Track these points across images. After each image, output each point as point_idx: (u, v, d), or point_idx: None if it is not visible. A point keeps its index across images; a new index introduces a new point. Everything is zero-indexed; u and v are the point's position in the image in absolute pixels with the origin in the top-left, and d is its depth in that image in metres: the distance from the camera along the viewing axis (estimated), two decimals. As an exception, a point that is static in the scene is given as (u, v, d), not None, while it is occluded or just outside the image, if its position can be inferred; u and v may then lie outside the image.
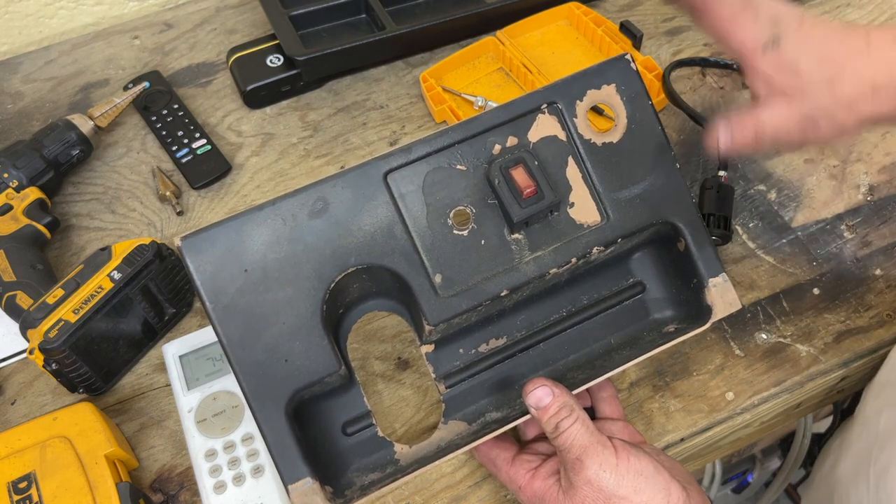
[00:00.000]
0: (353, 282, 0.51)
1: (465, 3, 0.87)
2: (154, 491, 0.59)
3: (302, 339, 0.48)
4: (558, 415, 0.48)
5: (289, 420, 0.48)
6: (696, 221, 0.54)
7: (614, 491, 0.47)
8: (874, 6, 0.88)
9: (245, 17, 0.93)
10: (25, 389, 0.64)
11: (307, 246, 0.49)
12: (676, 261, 0.55)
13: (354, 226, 0.49)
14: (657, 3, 0.90)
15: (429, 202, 0.51)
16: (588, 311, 0.57)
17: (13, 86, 0.87)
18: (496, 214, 0.52)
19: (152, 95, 0.83)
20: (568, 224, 0.52)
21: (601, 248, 0.53)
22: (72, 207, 0.76)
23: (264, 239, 0.48)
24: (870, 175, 0.74)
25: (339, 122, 0.81)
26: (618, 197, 0.53)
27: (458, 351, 0.55)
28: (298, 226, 0.49)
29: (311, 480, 0.47)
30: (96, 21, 0.95)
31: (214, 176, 0.77)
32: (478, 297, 0.51)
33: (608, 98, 0.54)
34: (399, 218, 0.50)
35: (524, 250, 0.52)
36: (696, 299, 0.54)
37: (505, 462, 0.53)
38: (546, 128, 0.53)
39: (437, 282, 0.50)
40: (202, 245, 0.48)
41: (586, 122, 0.53)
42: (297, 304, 0.48)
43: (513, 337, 0.56)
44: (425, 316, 0.50)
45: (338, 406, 0.53)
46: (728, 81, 0.82)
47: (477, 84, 0.83)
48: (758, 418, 0.63)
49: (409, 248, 0.50)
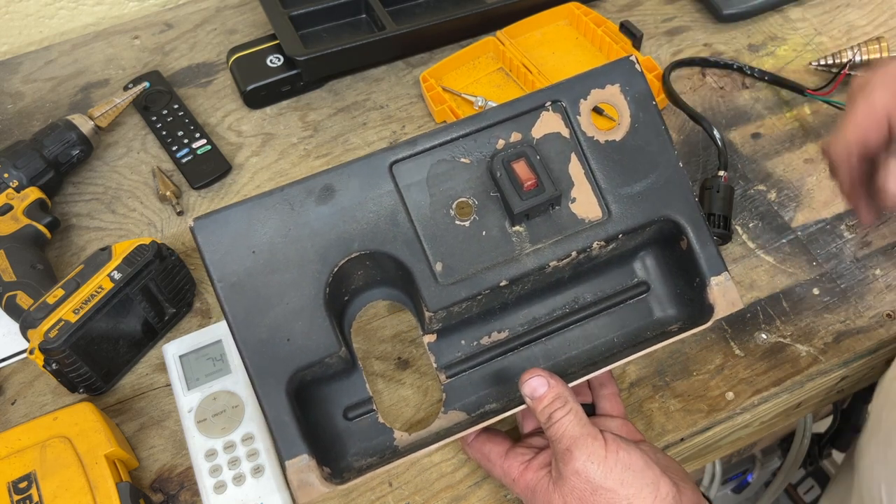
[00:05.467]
0: (357, 268, 0.52)
1: (465, 3, 0.87)
2: (154, 491, 0.59)
3: (304, 320, 0.49)
4: (552, 405, 0.49)
5: (289, 398, 0.49)
6: (698, 220, 0.54)
7: (601, 483, 0.47)
8: (874, 6, 0.88)
9: (245, 17, 0.93)
10: (25, 389, 0.64)
11: (313, 231, 0.50)
12: (680, 260, 0.56)
13: (359, 213, 0.51)
14: (657, 3, 0.90)
15: (432, 193, 0.52)
16: (591, 309, 0.57)
17: (13, 86, 0.87)
18: (498, 207, 0.53)
19: (152, 95, 0.83)
20: (569, 218, 0.53)
21: (602, 243, 0.53)
22: (72, 207, 0.76)
23: (272, 223, 0.50)
24: (870, 175, 0.74)
25: (340, 123, 0.81)
26: (619, 193, 0.53)
27: (460, 342, 0.55)
28: (305, 211, 0.50)
29: (307, 458, 0.48)
30: (96, 21, 0.95)
31: (214, 176, 0.77)
32: (477, 285, 0.51)
33: (612, 97, 0.55)
34: (403, 207, 0.51)
35: (525, 242, 0.53)
36: (700, 298, 0.54)
37: (499, 456, 0.53)
38: (550, 125, 0.54)
39: (437, 270, 0.51)
40: (213, 226, 0.49)
41: (589, 120, 0.54)
42: (302, 286, 0.50)
43: (515, 331, 0.56)
44: (425, 302, 0.51)
45: (340, 391, 0.54)
46: (728, 81, 0.82)
47: (477, 84, 0.83)
48: (758, 418, 0.63)
49: (412, 236, 0.51)
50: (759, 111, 0.79)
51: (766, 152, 0.76)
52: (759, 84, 0.81)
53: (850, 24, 0.86)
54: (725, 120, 0.79)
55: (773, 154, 0.76)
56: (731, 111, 0.79)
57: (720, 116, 0.79)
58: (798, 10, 0.88)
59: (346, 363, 0.53)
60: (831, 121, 0.78)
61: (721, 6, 0.86)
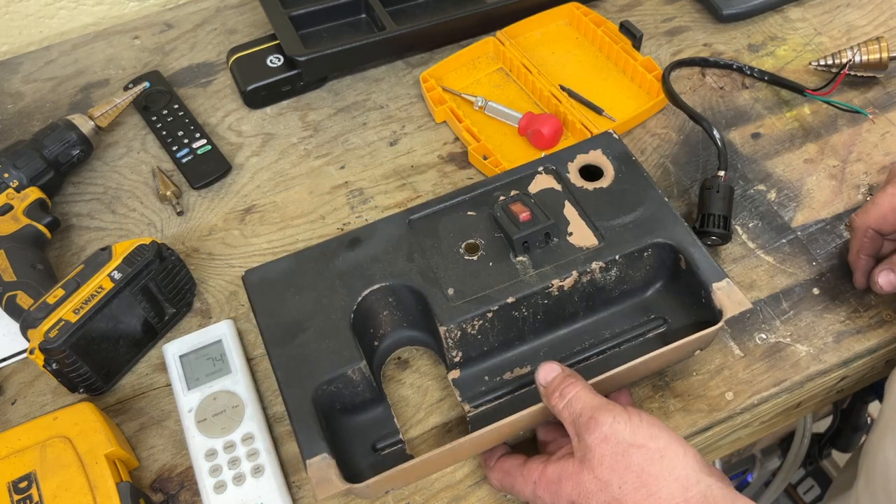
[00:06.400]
0: (382, 307, 0.60)
1: (465, 4, 0.87)
2: (154, 491, 0.59)
3: (330, 340, 0.57)
4: (564, 382, 0.51)
5: (314, 406, 0.54)
6: (689, 238, 0.59)
7: (631, 440, 0.47)
8: (874, 6, 0.88)
9: (245, 17, 0.93)
10: (26, 389, 0.64)
11: (341, 272, 0.60)
12: (687, 285, 0.59)
13: (381, 256, 0.60)
14: (657, 3, 0.90)
15: (444, 237, 0.61)
16: (609, 342, 0.61)
17: (13, 86, 0.87)
18: (502, 244, 0.61)
19: (152, 95, 0.83)
20: (567, 248, 0.60)
21: (601, 265, 0.59)
22: (72, 207, 0.76)
23: (309, 269, 0.60)
24: (869, 175, 0.74)
25: (340, 122, 0.81)
26: (611, 224, 0.61)
27: (484, 378, 0.60)
28: (336, 258, 0.61)
29: (328, 456, 0.51)
30: (96, 21, 0.95)
31: (215, 176, 0.77)
32: (486, 302, 0.57)
33: (595, 158, 0.65)
34: (418, 248, 0.61)
35: (528, 269, 0.59)
36: (710, 307, 0.57)
37: (518, 466, 0.53)
38: (544, 183, 0.64)
39: (449, 294, 0.58)
40: (259, 273, 0.61)
41: (578, 176, 0.64)
42: (330, 313, 0.58)
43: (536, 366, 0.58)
44: (438, 319, 0.57)
45: (369, 423, 0.59)
46: (728, 81, 0.82)
47: (477, 84, 0.83)
48: (757, 418, 0.63)
49: (426, 268, 0.59)
50: (758, 111, 0.79)
51: (765, 152, 0.76)
52: (759, 84, 0.81)
53: (850, 25, 0.86)
54: (725, 120, 0.79)
55: (773, 154, 0.76)
56: (730, 111, 0.79)
57: (720, 116, 0.79)
58: (798, 11, 0.88)
59: (373, 392, 0.58)
60: (831, 121, 0.78)
61: (721, 6, 0.86)
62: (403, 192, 0.75)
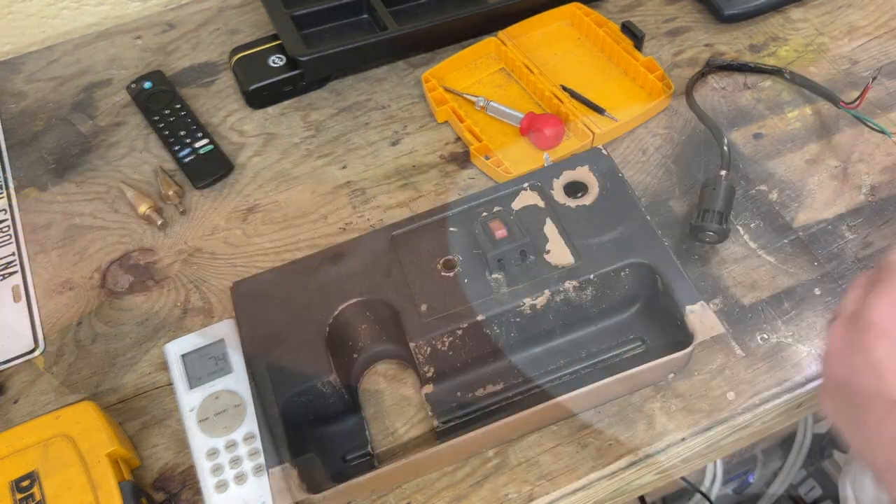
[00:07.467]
0: (360, 321, 0.61)
1: (466, 4, 0.87)
2: (156, 490, 0.59)
3: (305, 352, 0.58)
4: None
5: (283, 416, 0.55)
6: (667, 259, 0.60)
7: None
8: (875, 7, 0.88)
9: (247, 17, 0.93)
10: (28, 388, 0.65)
11: (321, 285, 0.61)
12: (665, 305, 0.59)
13: (361, 270, 0.61)
14: (658, 3, 0.90)
15: (423, 253, 0.62)
16: (586, 362, 0.61)
17: (16, 86, 0.87)
18: (479, 261, 0.61)
19: (155, 95, 0.83)
20: (543, 266, 0.60)
21: (575, 284, 0.59)
22: (74, 207, 0.76)
23: (292, 282, 0.61)
24: (871, 175, 0.74)
25: (341, 122, 0.81)
26: (589, 243, 0.61)
27: (456, 394, 0.60)
28: (318, 272, 0.62)
29: (289, 466, 0.52)
30: (99, 21, 0.96)
31: (217, 176, 0.77)
32: (456, 320, 0.58)
33: (581, 175, 0.65)
34: (398, 263, 0.61)
35: (502, 286, 0.60)
36: (683, 330, 0.57)
37: None
38: (527, 199, 0.64)
39: (422, 310, 0.59)
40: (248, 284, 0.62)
41: (562, 193, 0.64)
42: (307, 326, 0.59)
43: (509, 382, 0.60)
44: (408, 333, 0.58)
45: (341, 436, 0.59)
46: (729, 82, 0.82)
47: (479, 84, 0.83)
48: (759, 418, 0.63)
49: (402, 284, 0.60)
50: (760, 111, 0.79)
51: (767, 152, 0.76)
52: (761, 84, 0.81)
53: (852, 25, 0.86)
54: (727, 120, 0.79)
55: (775, 154, 0.76)
56: (732, 111, 0.79)
57: (722, 116, 0.79)
58: (799, 11, 0.88)
59: (346, 404, 0.59)
60: (832, 121, 0.78)
61: (722, 7, 0.86)
62: (405, 191, 0.75)
